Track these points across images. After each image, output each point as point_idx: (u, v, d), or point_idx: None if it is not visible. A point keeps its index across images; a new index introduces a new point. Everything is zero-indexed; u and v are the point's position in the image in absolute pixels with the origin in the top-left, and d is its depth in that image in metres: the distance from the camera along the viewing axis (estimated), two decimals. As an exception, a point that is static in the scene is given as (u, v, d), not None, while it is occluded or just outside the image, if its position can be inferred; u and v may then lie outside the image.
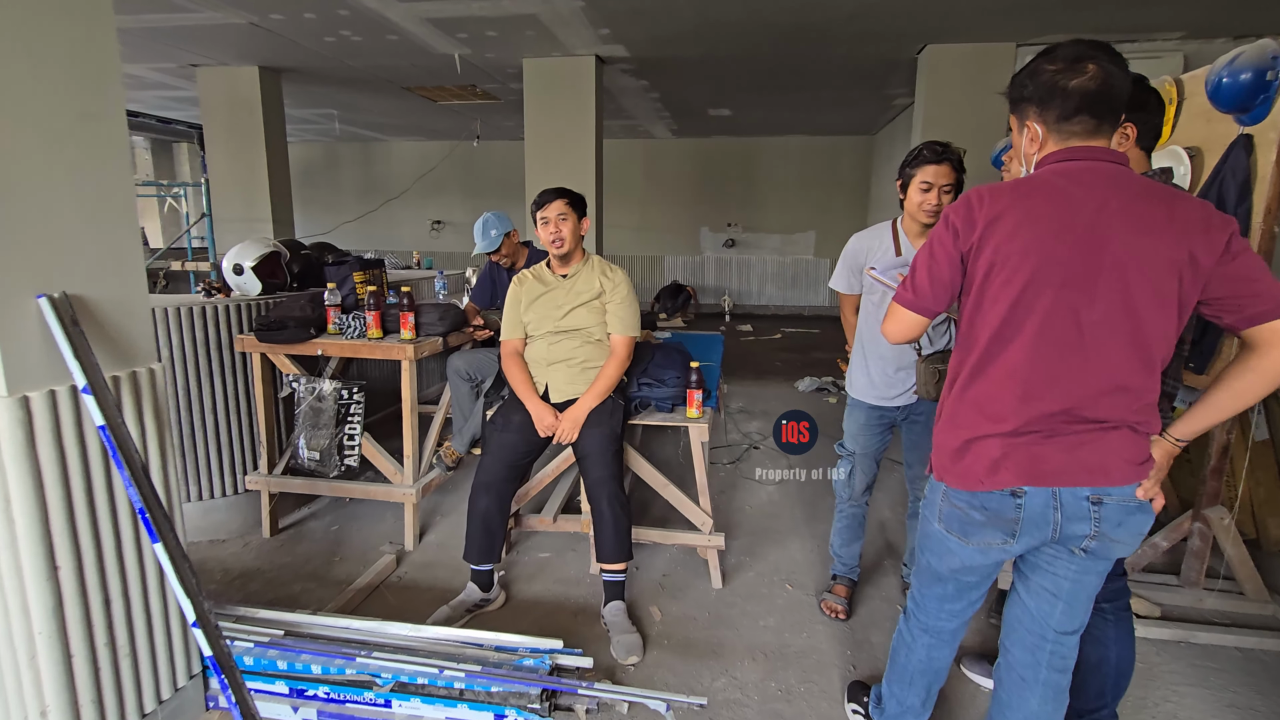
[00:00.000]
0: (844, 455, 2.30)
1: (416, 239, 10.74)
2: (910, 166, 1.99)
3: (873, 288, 2.14)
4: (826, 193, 9.80)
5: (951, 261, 1.24)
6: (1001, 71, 5.00)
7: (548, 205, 2.31)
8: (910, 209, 2.02)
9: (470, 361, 2.84)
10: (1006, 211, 1.20)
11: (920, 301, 1.29)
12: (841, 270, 2.23)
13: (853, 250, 2.19)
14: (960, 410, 1.29)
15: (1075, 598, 1.29)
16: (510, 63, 5.69)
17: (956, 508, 1.30)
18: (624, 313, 2.36)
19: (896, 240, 2.10)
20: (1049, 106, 1.25)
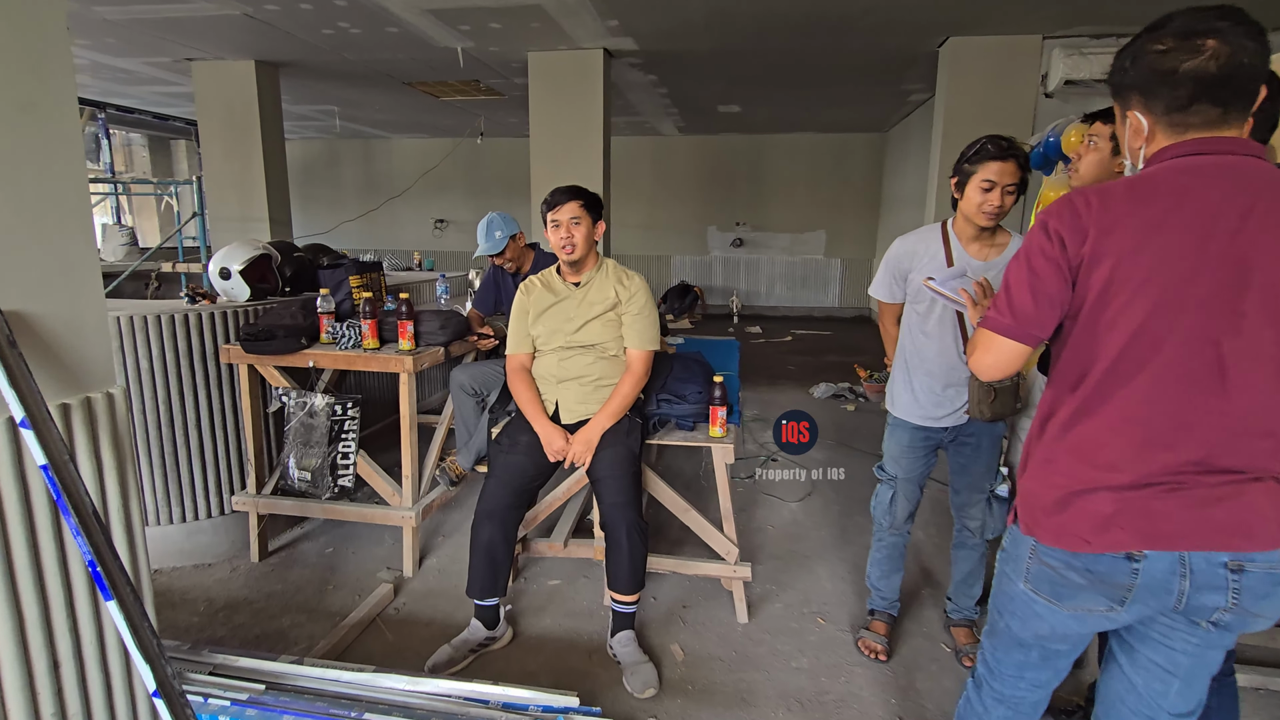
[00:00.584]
0: (884, 479, 2.10)
1: (419, 238, 10.56)
2: (970, 162, 1.78)
3: (919, 297, 1.94)
4: (837, 191, 9.58)
5: (1060, 274, 1.04)
6: (1027, 65, 4.80)
7: (560, 206, 2.11)
8: (967, 210, 1.81)
9: (474, 375, 2.64)
10: (1123, 219, 0.99)
11: (1023, 326, 1.08)
12: (883, 277, 2.02)
13: (897, 255, 1.98)
14: (1058, 456, 1.08)
15: (1194, 675, 1.09)
16: (515, 57, 5.49)
17: (1049, 567, 1.10)
18: (642, 325, 2.16)
19: (947, 245, 1.89)
20: (1155, 95, 1.03)
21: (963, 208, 1.82)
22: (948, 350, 1.92)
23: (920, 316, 1.95)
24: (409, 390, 2.42)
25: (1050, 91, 4.79)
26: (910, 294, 1.96)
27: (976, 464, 2.00)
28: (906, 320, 2.01)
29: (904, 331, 2.02)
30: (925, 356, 1.95)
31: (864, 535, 2.96)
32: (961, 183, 1.82)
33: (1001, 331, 1.09)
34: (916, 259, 1.93)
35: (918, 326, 1.96)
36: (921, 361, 1.96)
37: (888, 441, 2.08)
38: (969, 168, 1.79)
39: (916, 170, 7.36)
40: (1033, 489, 1.12)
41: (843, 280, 9.85)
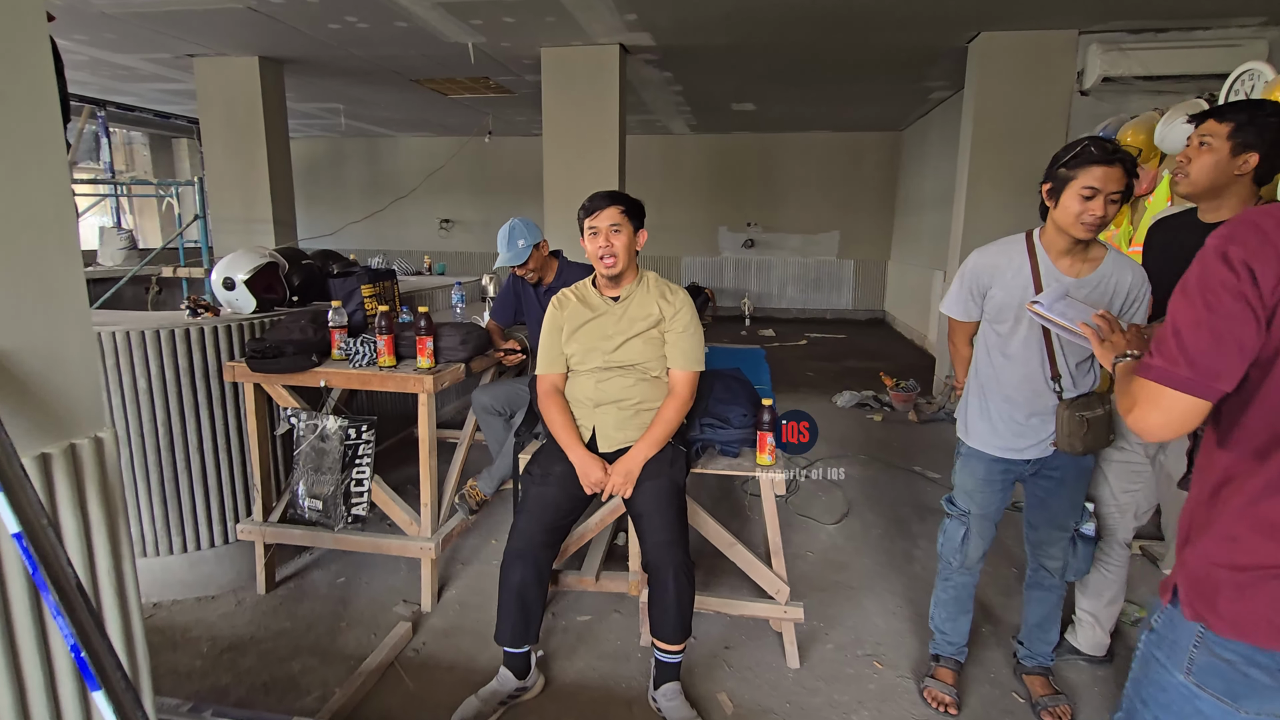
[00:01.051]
0: (955, 515, 1.90)
1: (425, 239, 10.37)
2: (1068, 166, 1.59)
3: (1000, 316, 1.74)
4: (851, 191, 9.38)
5: (1251, 314, 0.85)
6: (1061, 62, 4.60)
7: (598, 213, 1.92)
8: (1062, 220, 1.61)
9: (496, 395, 2.46)
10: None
11: (1203, 378, 0.88)
12: (959, 293, 1.83)
13: (975, 270, 1.79)
14: (1241, 530, 0.89)
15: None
16: (527, 53, 5.30)
17: (1224, 661, 0.91)
18: (687, 344, 1.97)
19: (1033, 259, 1.70)
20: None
21: (1056, 217, 1.63)
22: (1033, 375, 1.73)
23: (1001, 337, 1.76)
24: (429, 413, 2.24)
25: (1086, 89, 4.60)
26: (990, 312, 1.77)
27: (1059, 499, 1.81)
28: (984, 341, 1.82)
29: (980, 353, 1.83)
30: (1006, 382, 1.76)
31: (911, 563, 2.78)
32: (1056, 189, 1.62)
33: (1176, 385, 0.90)
34: (998, 274, 1.74)
35: (998, 348, 1.77)
36: (1001, 387, 1.77)
37: (960, 474, 1.89)
38: (1066, 173, 1.59)
39: (937, 171, 7.16)
40: (1203, 568, 0.93)
41: (856, 282, 9.66)
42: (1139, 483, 1.90)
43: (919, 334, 7.69)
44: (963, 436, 1.87)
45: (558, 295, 2.08)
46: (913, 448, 4.21)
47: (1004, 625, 2.33)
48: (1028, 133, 4.72)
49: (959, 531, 1.88)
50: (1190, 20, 4.31)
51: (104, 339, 2.20)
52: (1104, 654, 2.10)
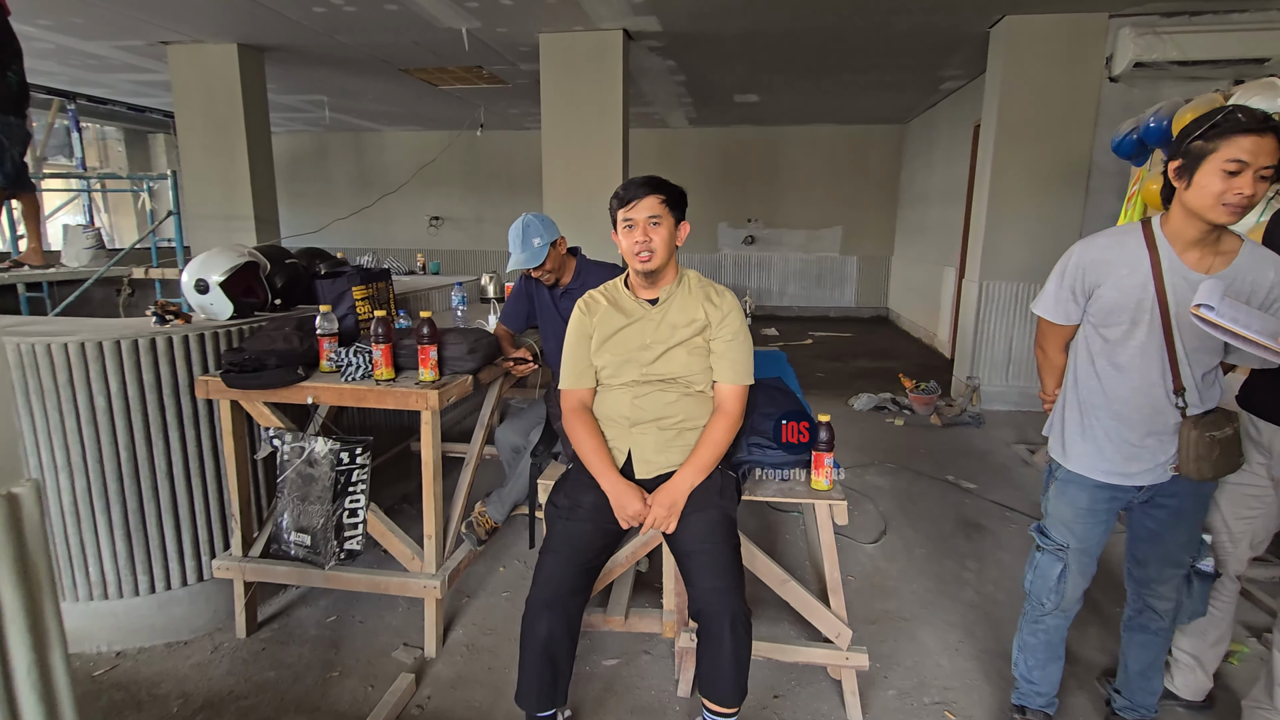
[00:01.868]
0: (1049, 549, 1.64)
1: (414, 236, 10.04)
2: (1207, 137, 1.33)
3: (1110, 319, 1.49)
4: (854, 186, 9.15)
5: None
6: (1091, 47, 4.37)
7: (635, 203, 1.65)
8: (1198, 202, 1.35)
9: (524, 429, 2.18)
10: None
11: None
12: (1058, 291, 1.57)
13: (1081, 264, 1.52)
14: None
15: None
16: (524, 39, 5.00)
17: None
18: (736, 353, 1.71)
19: (1154, 253, 1.44)
20: None
21: (1190, 200, 1.37)
22: (1152, 388, 1.47)
23: (1110, 344, 1.50)
24: (433, 433, 1.95)
25: (1116, 75, 4.37)
26: (1097, 315, 1.51)
27: (1176, 532, 1.56)
28: (1085, 348, 1.56)
29: (1080, 362, 1.58)
30: (1116, 396, 1.50)
31: (963, 588, 2.53)
32: (1189, 166, 1.36)
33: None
34: (1109, 270, 1.48)
35: (1105, 356, 1.52)
36: (1109, 403, 1.52)
37: (1056, 503, 1.63)
38: (1204, 145, 1.33)
39: (946, 163, 6.95)
40: None
41: (859, 279, 9.44)
42: (1257, 508, 1.66)
43: (928, 332, 7.48)
44: (1059, 458, 1.62)
45: (585, 298, 1.81)
46: (941, 455, 3.97)
47: (1080, 663, 2.09)
48: (1055, 121, 4.49)
49: (1055, 568, 1.62)
50: (1228, 2, 4.10)
51: (55, 352, 1.90)
52: (1204, 699, 1.86)
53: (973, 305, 4.87)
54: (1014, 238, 4.66)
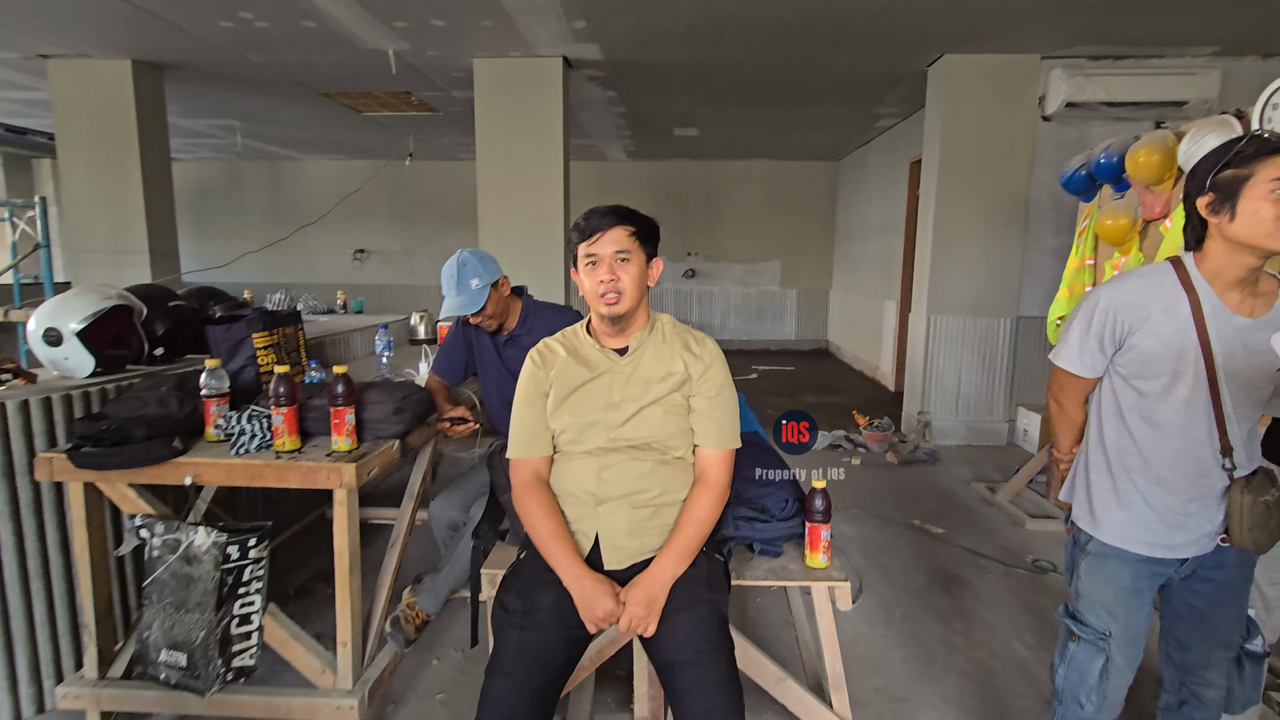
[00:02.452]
0: (1087, 638, 1.41)
1: (336, 270, 9.43)
2: (1239, 165, 1.18)
3: (1146, 370, 1.30)
4: (792, 220, 9.24)
5: None
6: (1025, 86, 4.47)
7: (599, 235, 1.38)
8: (1249, 233, 1.18)
9: (463, 501, 1.83)
10: None
11: None
12: (1084, 339, 1.37)
13: (1111, 310, 1.33)
14: None
15: None
16: (456, 64, 4.72)
17: None
18: (721, 412, 1.45)
19: (1193, 295, 1.27)
20: None
21: (1238, 232, 1.21)
22: (1197, 447, 1.29)
23: (1145, 398, 1.32)
24: (348, 517, 1.59)
25: (1049, 114, 4.48)
26: (1130, 366, 1.33)
27: (1224, 609, 1.37)
28: (1114, 402, 1.37)
29: (1108, 419, 1.38)
30: (1157, 458, 1.32)
31: (954, 654, 2.32)
32: (1226, 198, 1.21)
33: None
34: (1146, 315, 1.30)
35: (1139, 412, 1.33)
36: (1148, 465, 1.33)
37: (1091, 581, 1.41)
38: (1238, 172, 1.18)
39: (882, 199, 7.05)
40: None
41: (799, 312, 9.48)
42: None
43: (870, 365, 7.50)
44: (1089, 529, 1.41)
45: (539, 348, 1.51)
46: (903, 496, 3.82)
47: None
48: (994, 158, 4.55)
49: (1095, 662, 1.39)
50: (1148, 48, 4.28)
51: None
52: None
53: (921, 340, 4.83)
54: (959, 272, 4.66)
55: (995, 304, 4.65)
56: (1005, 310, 4.64)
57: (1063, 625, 1.46)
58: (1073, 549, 1.46)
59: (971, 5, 3.66)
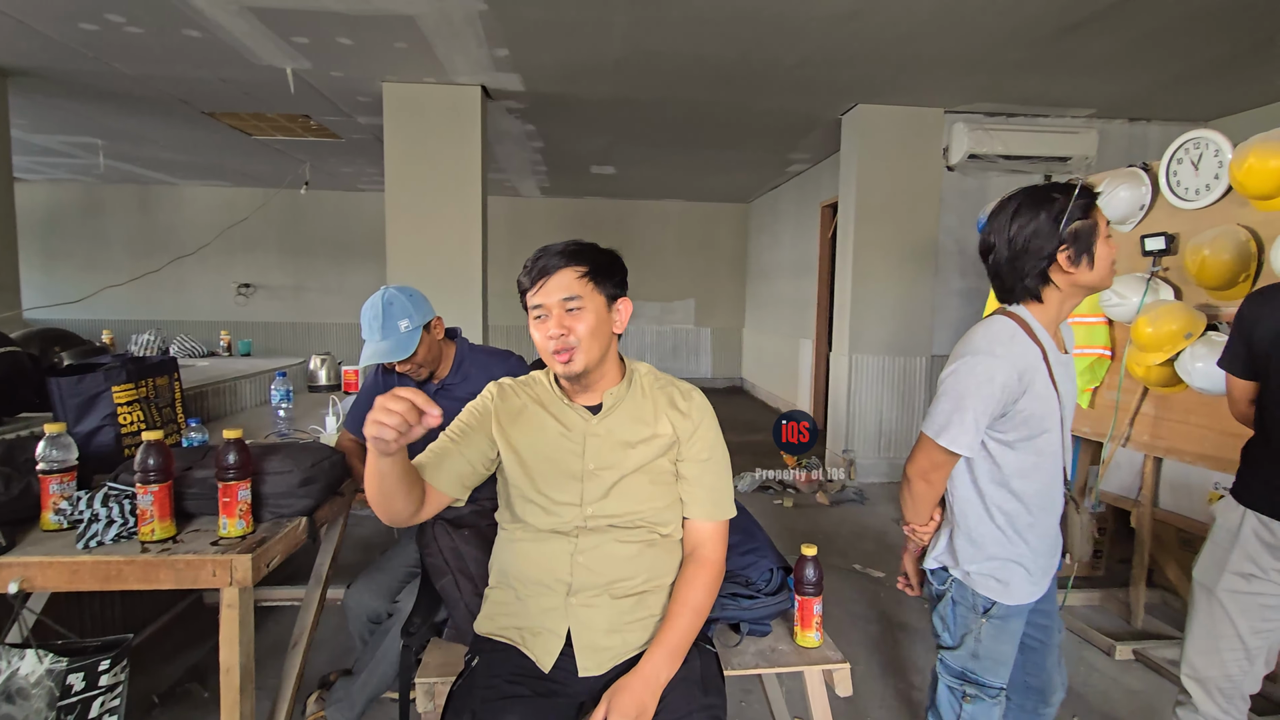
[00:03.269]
0: (988, 698, 1.33)
1: (218, 307, 8.55)
2: (1085, 215, 1.25)
3: (1031, 427, 1.27)
4: (705, 260, 9.36)
5: None
6: (931, 138, 4.72)
7: (544, 282, 1.19)
8: (1099, 276, 1.28)
9: (385, 587, 1.52)
10: None
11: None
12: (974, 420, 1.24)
13: (1005, 383, 1.23)
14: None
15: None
16: (364, 88, 4.40)
17: None
18: (714, 478, 1.26)
19: (1039, 345, 1.29)
20: None
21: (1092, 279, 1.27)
22: (1058, 483, 1.34)
23: (1026, 456, 1.29)
24: (239, 623, 1.25)
25: (953, 165, 4.74)
26: (1011, 429, 1.26)
27: (1058, 634, 1.44)
28: (995, 469, 1.29)
29: (988, 488, 1.29)
30: (1039, 508, 1.31)
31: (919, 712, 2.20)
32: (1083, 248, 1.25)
33: None
34: (1033, 379, 1.26)
35: (1019, 472, 1.29)
36: (1034, 519, 1.31)
37: (994, 644, 1.31)
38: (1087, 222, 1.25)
39: (794, 241, 7.25)
40: None
41: (714, 350, 9.55)
42: (1274, 620, 1.49)
43: (786, 402, 7.59)
44: (998, 596, 1.30)
45: (502, 383, 1.29)
46: (839, 539, 3.77)
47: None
48: (906, 204, 4.74)
49: (994, 713, 1.33)
50: (1035, 108, 4.63)
51: None
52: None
53: (843, 379, 4.89)
54: (878, 313, 4.78)
55: (911, 343, 4.79)
56: (920, 349, 4.79)
57: (946, 688, 1.36)
58: (958, 616, 1.34)
59: (884, 58, 3.81)
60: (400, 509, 1.10)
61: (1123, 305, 2.54)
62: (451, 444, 1.20)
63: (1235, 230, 2.17)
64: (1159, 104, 4.53)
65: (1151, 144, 4.87)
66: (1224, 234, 2.18)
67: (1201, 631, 1.53)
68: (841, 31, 3.43)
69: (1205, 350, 2.18)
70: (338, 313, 8.74)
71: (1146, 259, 2.56)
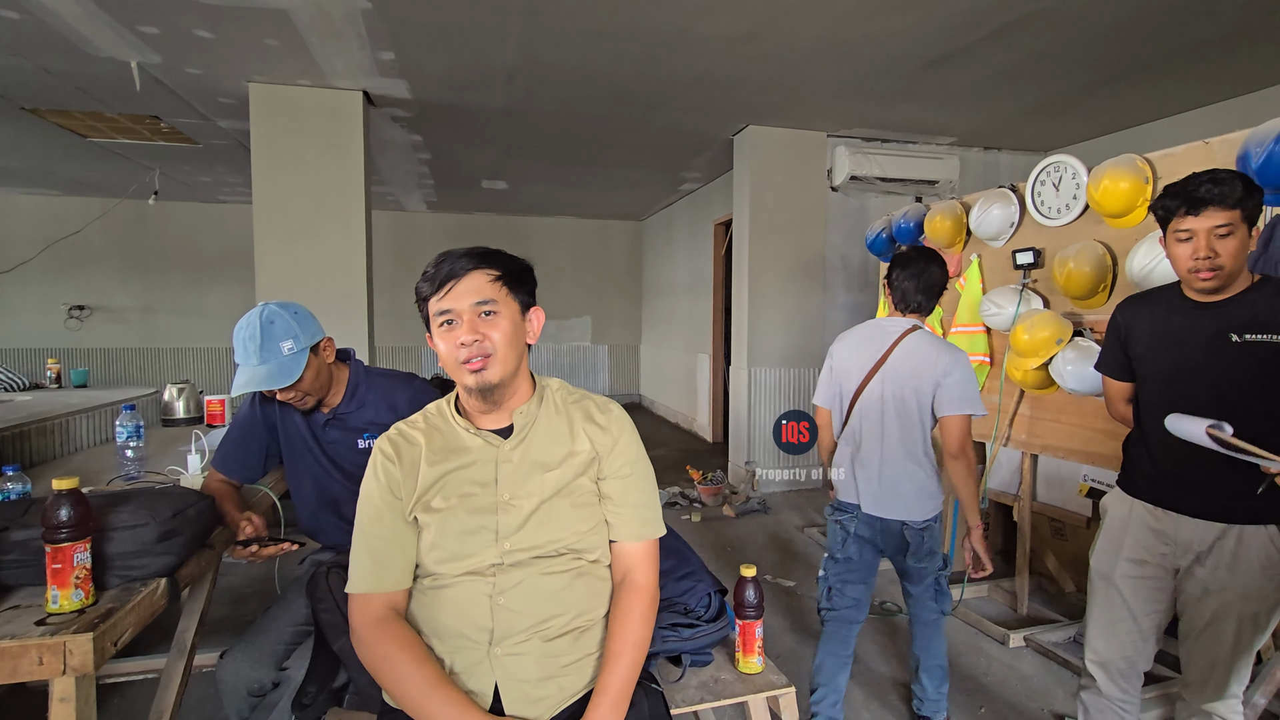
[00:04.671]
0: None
1: (44, 332, 7.42)
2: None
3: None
4: (599, 277, 9.32)
5: None
6: (815, 160, 4.96)
7: (453, 284, 1.07)
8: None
9: (269, 653, 1.29)
10: None
11: None
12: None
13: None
14: None
15: None
16: (226, 88, 3.99)
17: None
18: (639, 494, 1.18)
19: None
20: None
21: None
22: None
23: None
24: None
25: (836, 185, 5.00)
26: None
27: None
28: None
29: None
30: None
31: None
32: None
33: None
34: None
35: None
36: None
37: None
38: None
39: (688, 258, 7.37)
40: None
41: (611, 367, 9.51)
42: (1162, 600, 1.60)
43: (686, 417, 7.67)
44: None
45: (389, 437, 1.12)
46: (747, 550, 3.80)
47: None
48: (794, 221, 4.94)
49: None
50: (904, 134, 5.00)
51: None
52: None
53: (743, 391, 4.98)
54: (773, 326, 4.93)
55: (806, 355, 4.98)
56: (814, 360, 4.98)
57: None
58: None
59: (774, 82, 3.96)
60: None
61: (1000, 314, 2.74)
62: (393, 540, 1.07)
63: (1094, 245, 2.39)
64: (1009, 134, 5.03)
65: (1003, 170, 5.39)
66: (1085, 248, 2.40)
67: (1102, 617, 1.63)
68: (737, 53, 3.51)
69: (1074, 354, 2.38)
70: (194, 336, 7.87)
71: (1017, 272, 2.78)
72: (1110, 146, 4.79)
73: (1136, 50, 3.51)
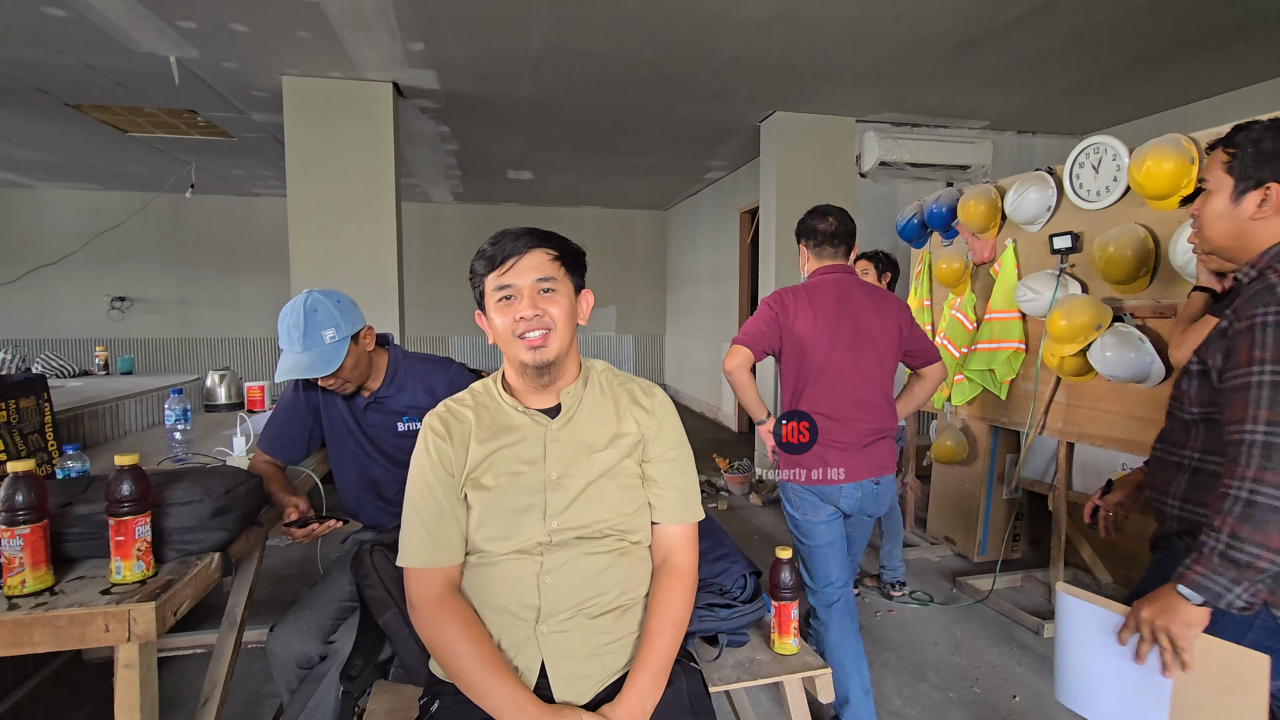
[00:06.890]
0: None
1: (87, 323, 7.66)
2: None
3: None
4: (624, 267, 9.33)
5: None
6: (844, 145, 4.89)
7: (513, 261, 1.09)
8: None
9: (316, 627, 1.33)
10: None
11: None
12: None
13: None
14: None
15: None
16: (260, 81, 4.06)
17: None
18: (682, 478, 1.18)
19: None
20: None
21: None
22: None
23: None
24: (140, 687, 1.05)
25: (865, 171, 4.93)
26: None
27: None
28: None
29: None
30: None
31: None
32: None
33: None
34: None
35: None
36: None
37: None
38: None
39: (713, 247, 7.34)
40: None
41: (637, 356, 9.52)
42: None
43: (711, 406, 7.66)
44: None
45: (436, 414, 1.14)
46: (776, 539, 3.79)
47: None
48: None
49: None
50: (936, 119, 4.90)
51: None
52: None
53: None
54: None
55: (832, 344, 4.93)
56: (841, 349, 4.93)
57: None
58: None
59: (801, 67, 3.91)
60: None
61: (1036, 300, 2.69)
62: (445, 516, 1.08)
63: (1135, 228, 2.34)
64: (1044, 118, 4.91)
65: (1038, 154, 5.26)
66: (1125, 232, 2.34)
67: None
68: (763, 38, 3.48)
69: (1114, 340, 2.33)
70: (228, 327, 8.07)
71: (1054, 256, 2.72)
72: (1150, 128, 4.65)
73: (1178, 28, 3.40)
